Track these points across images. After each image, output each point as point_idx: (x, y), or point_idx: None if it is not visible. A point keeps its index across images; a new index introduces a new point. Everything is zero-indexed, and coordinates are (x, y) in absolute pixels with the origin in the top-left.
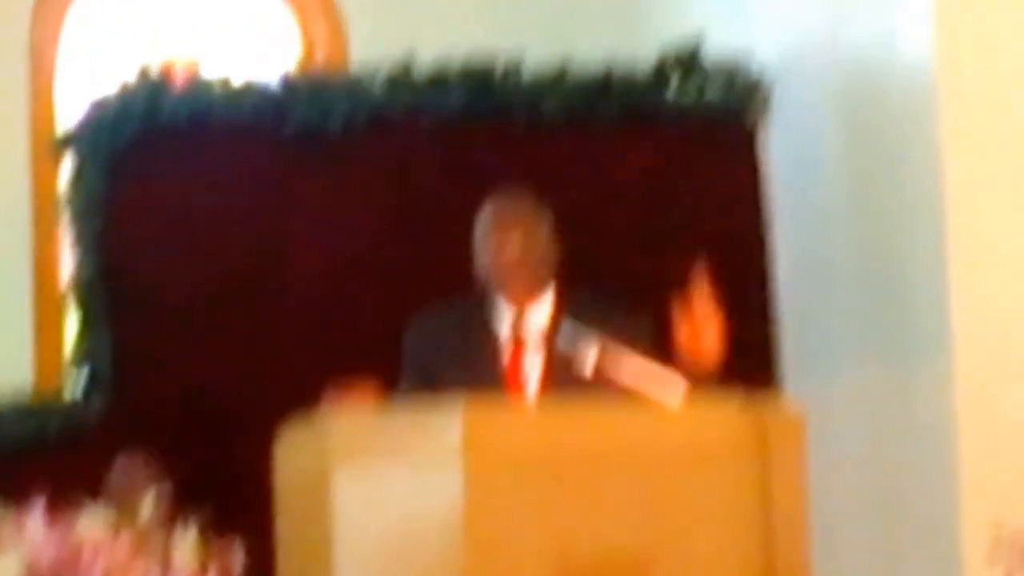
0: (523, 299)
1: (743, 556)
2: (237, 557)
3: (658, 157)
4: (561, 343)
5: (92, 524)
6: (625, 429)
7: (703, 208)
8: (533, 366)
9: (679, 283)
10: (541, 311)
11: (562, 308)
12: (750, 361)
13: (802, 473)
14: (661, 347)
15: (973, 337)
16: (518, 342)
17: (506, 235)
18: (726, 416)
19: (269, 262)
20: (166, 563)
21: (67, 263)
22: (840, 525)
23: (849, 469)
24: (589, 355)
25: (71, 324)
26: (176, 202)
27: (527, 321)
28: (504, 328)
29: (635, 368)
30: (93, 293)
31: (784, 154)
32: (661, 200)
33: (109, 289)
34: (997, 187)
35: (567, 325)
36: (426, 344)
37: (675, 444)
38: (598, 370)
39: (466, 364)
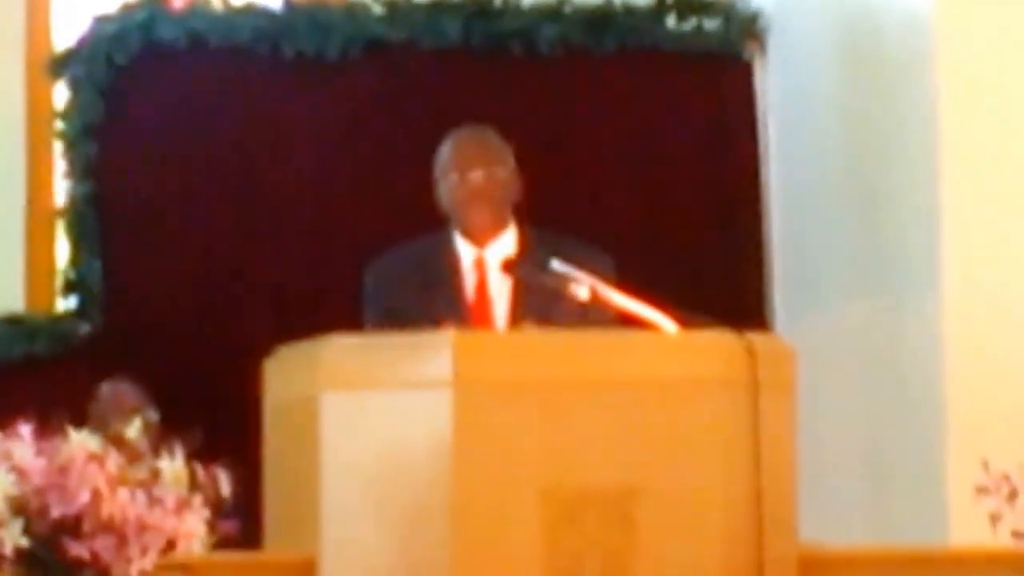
0: (483, 237)
1: (731, 486)
2: (224, 483)
3: (654, 88)
4: (548, 271)
5: (80, 446)
6: (616, 358)
7: (698, 139)
8: (500, 296)
9: (673, 212)
10: (502, 249)
11: (524, 247)
12: (741, 294)
13: (792, 404)
14: (624, 287)
15: (963, 274)
16: (481, 274)
17: (465, 172)
18: (717, 346)
19: (264, 187)
20: (153, 488)
21: (60, 183)
22: (828, 460)
23: (837, 404)
24: (583, 282)
25: (63, 246)
26: (171, 124)
27: (488, 258)
28: (467, 262)
29: (627, 301)
30: (86, 216)
31: (780, 88)
32: (657, 130)
33: (102, 213)
34: (992, 124)
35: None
36: (388, 285)
37: (665, 373)
38: (594, 297)
39: (430, 298)
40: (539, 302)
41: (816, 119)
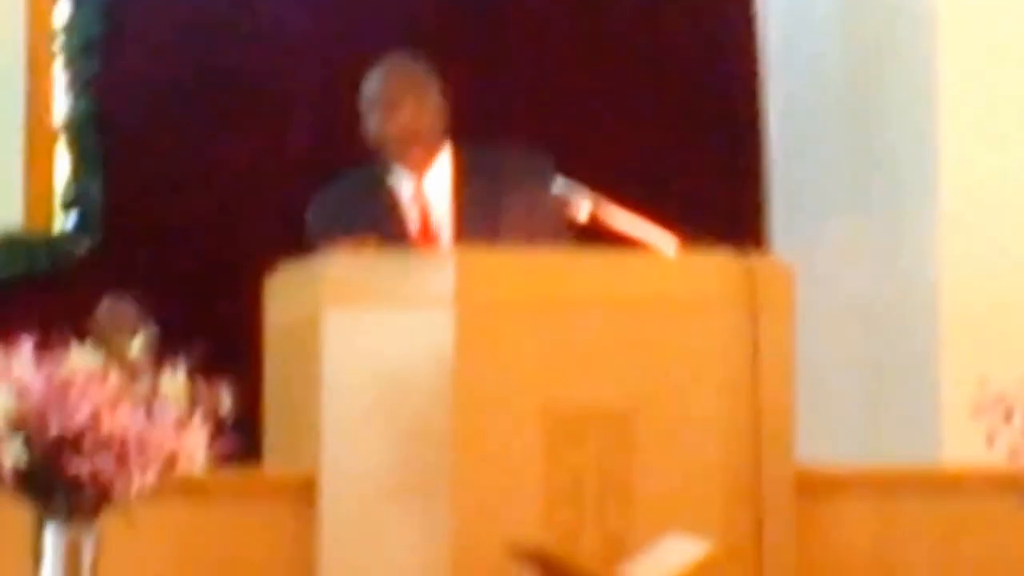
0: (420, 166)
1: (729, 408)
2: (225, 400)
3: (655, 14)
4: (554, 191)
5: (80, 362)
6: (616, 278)
7: (697, 57)
8: (444, 224)
9: (672, 123)
10: (440, 173)
11: (460, 165)
12: (739, 210)
13: (790, 323)
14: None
15: (959, 190)
16: (422, 205)
17: (395, 107)
18: (716, 266)
19: (268, 103)
20: (152, 407)
21: (60, 100)
22: (826, 378)
23: (835, 323)
24: (583, 202)
25: (63, 163)
26: (171, 42)
27: (427, 185)
28: (406, 196)
29: (628, 220)
30: (86, 133)
31: (779, 11)
32: (656, 48)
33: (102, 130)
34: (988, 40)
35: (556, 178)
36: (332, 217)
37: (665, 293)
38: (593, 217)
39: (374, 230)
40: (484, 225)
41: (815, 36)
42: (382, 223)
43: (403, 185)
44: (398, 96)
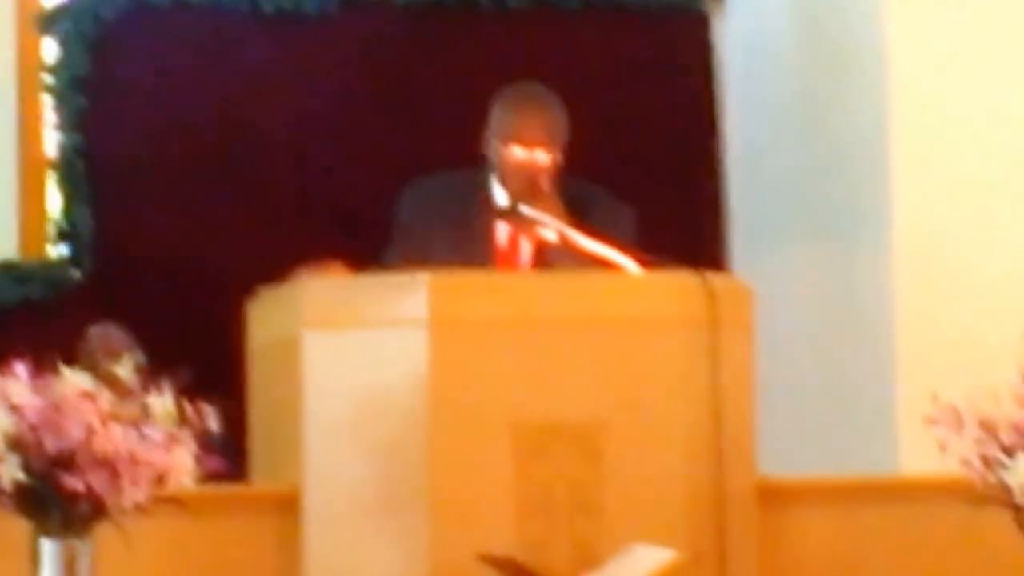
0: (525, 194)
1: (692, 422)
2: (212, 419)
3: (617, 41)
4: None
5: (73, 384)
6: (583, 298)
7: (658, 90)
8: (527, 248)
9: (635, 162)
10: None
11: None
12: (701, 240)
13: (750, 342)
14: (644, 238)
15: (911, 217)
16: (516, 225)
17: (536, 148)
18: (678, 285)
19: (247, 138)
20: (143, 424)
21: (51, 135)
22: (785, 395)
23: (794, 342)
24: (552, 224)
25: (54, 195)
26: (156, 78)
27: (522, 209)
28: (501, 204)
29: (592, 243)
30: (75, 167)
31: (737, 40)
32: (618, 84)
33: (91, 163)
34: (941, 72)
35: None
36: (421, 212)
37: (630, 313)
38: (562, 239)
39: (460, 239)
40: (558, 248)
41: (772, 70)
42: (472, 224)
43: (502, 199)
44: (542, 142)
